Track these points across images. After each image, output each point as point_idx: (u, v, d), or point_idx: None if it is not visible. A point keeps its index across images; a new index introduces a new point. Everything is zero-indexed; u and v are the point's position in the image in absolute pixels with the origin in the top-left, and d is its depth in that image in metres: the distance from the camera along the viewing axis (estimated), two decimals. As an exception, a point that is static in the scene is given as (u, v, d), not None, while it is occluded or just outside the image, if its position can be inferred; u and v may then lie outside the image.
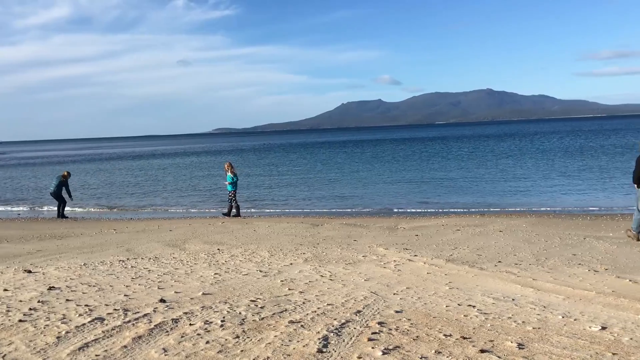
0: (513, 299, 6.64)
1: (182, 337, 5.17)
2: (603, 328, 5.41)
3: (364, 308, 6.23)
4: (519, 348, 4.85)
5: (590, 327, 5.45)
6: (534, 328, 5.44)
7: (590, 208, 18.25)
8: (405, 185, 28.81)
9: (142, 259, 10.40)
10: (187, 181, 36.62)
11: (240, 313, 6.02)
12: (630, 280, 7.67)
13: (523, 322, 5.66)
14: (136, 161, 69.67)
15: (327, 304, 6.41)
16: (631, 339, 5.11)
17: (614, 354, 4.72)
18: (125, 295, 7.00)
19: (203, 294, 7.03)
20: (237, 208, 19.32)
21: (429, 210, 19.43)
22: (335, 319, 5.74)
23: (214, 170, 45.29)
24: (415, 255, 10.04)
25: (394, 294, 7.01)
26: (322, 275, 8.27)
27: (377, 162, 47.69)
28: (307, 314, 5.95)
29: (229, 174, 19.48)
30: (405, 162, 45.84)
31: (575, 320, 5.72)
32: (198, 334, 5.24)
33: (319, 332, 5.26)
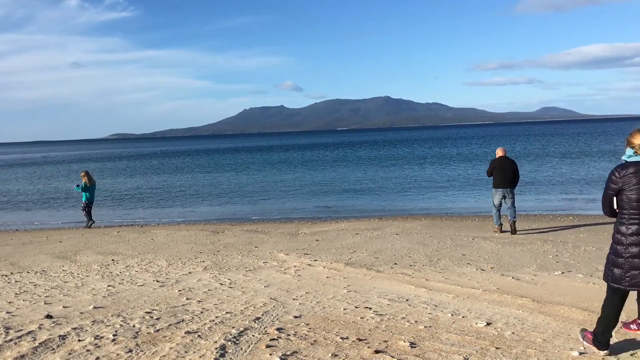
0: (407, 300, 6.89)
1: (69, 354, 4.90)
2: (488, 324, 5.75)
3: (263, 315, 6.22)
4: (411, 347, 5.05)
5: (476, 323, 5.77)
6: (425, 327, 5.67)
7: (477, 210, 19.30)
8: (309, 190, 29.10)
9: (28, 272, 9.77)
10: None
11: (134, 326, 5.81)
12: (512, 278, 8.21)
13: (416, 321, 5.89)
14: (27, 168, 65.28)
15: (226, 312, 6.34)
16: (513, 333, 5.46)
17: (497, 348, 5.02)
18: (7, 312, 6.54)
19: (94, 307, 6.71)
20: (88, 218, 18.41)
21: (329, 215, 19.73)
22: (233, 327, 5.69)
23: (109, 178, 43.49)
24: (315, 260, 10.17)
25: (294, 299, 7.06)
26: (221, 283, 8.17)
27: (281, 168, 47.81)
28: (205, 324, 5.85)
29: (83, 182, 18.59)
30: (309, 168, 46.31)
31: (463, 317, 6.03)
32: (87, 350, 4.99)
33: (216, 342, 5.19)
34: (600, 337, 4.78)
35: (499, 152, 13.48)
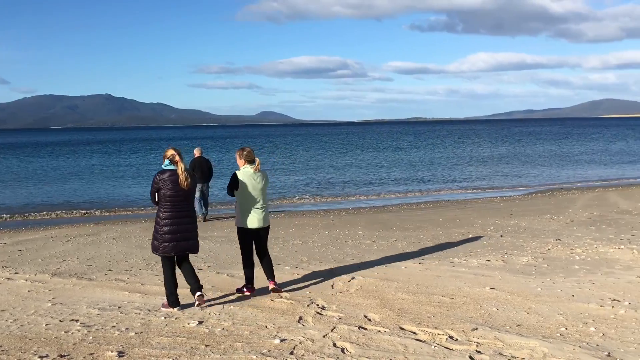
0: (119, 307, 6.63)
1: None
2: (200, 322, 5.87)
3: (-59, 343, 5.33)
4: (120, 356, 4.87)
5: (189, 323, 5.85)
6: (136, 333, 5.53)
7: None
8: (12, 192, 25.90)
9: None
10: None
11: None
12: (227, 275, 8.53)
13: (127, 328, 5.70)
14: None
15: None
16: (223, 329, 5.67)
17: (207, 345, 5.16)
18: None
19: None
20: None
21: (37, 222, 17.87)
22: None
23: None
24: (16, 273, 9.09)
25: (-16, 320, 6.21)
26: None
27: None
28: None
29: None
30: (21, 168, 41.26)
31: (176, 319, 6.05)
32: None
33: None
34: (170, 297, 6.41)
35: (196, 153, 15.77)
